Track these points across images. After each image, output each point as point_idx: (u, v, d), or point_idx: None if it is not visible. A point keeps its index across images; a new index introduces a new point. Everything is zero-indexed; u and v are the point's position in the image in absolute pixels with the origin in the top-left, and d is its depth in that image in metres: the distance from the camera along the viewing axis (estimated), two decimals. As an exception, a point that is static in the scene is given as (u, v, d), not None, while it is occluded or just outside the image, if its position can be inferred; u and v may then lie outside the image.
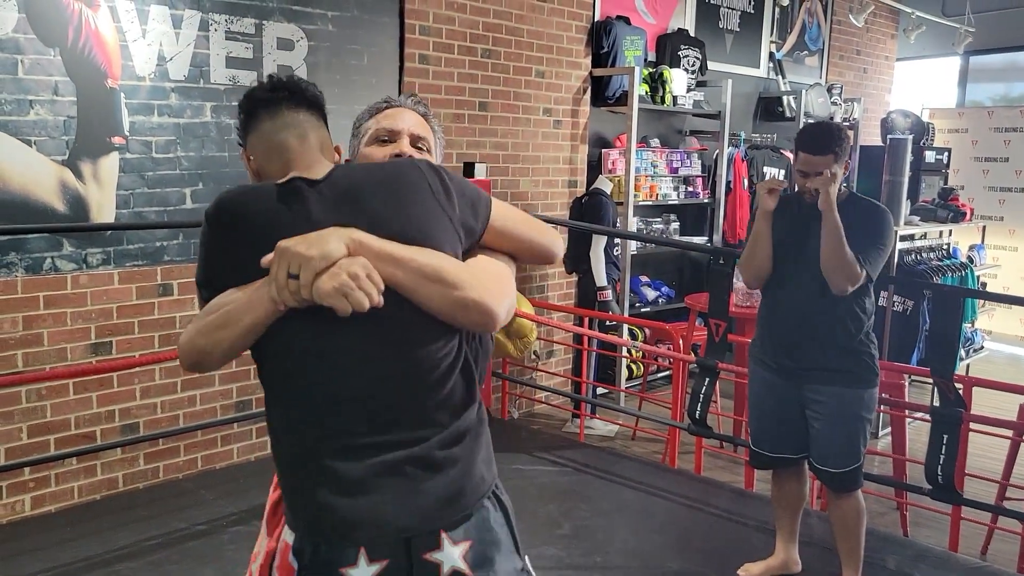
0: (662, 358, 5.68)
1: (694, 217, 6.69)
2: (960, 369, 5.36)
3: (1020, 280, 7.88)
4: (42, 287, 3.48)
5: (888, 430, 4.49)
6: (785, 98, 7.26)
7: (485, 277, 1.38)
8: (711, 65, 6.55)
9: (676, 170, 6.22)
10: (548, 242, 1.56)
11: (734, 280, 4.23)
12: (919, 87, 9.30)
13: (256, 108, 1.46)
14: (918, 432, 4.72)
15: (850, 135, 3.03)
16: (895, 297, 5.39)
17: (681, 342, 4.68)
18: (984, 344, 6.83)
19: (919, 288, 5.33)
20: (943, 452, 3.39)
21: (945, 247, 6.04)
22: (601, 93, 5.74)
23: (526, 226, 1.53)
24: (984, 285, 6.69)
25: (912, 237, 5.81)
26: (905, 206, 5.63)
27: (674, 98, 6.04)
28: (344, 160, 1.55)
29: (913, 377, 5.09)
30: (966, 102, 9.06)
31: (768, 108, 7.37)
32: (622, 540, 3.51)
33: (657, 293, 6.28)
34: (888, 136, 6.48)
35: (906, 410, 4.21)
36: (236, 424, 4.13)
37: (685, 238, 6.43)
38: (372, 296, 1.27)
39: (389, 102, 1.70)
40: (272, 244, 1.29)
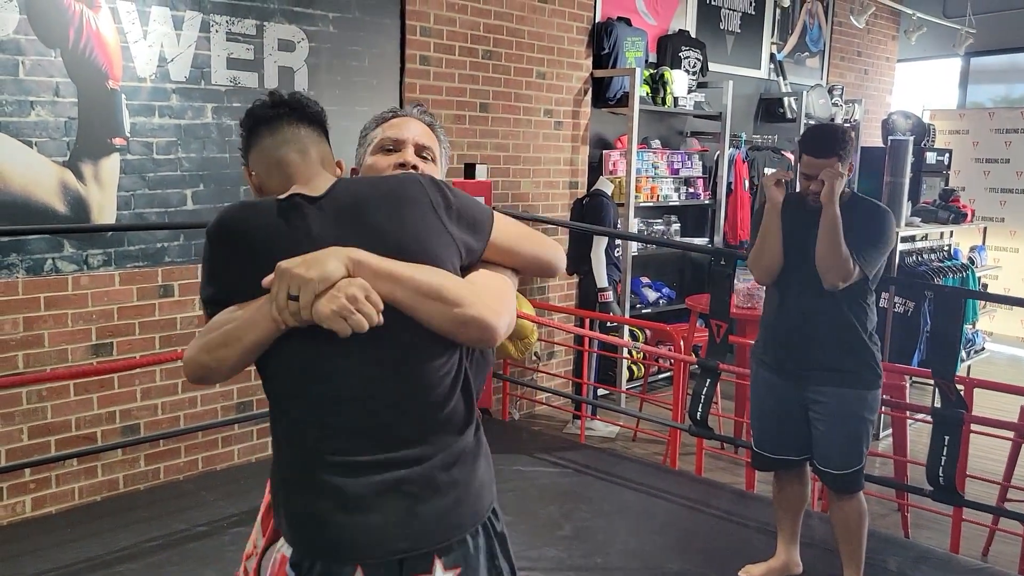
0: (663, 359, 5.68)
1: (695, 218, 6.69)
2: (961, 370, 5.35)
3: (1021, 281, 7.87)
4: (43, 288, 3.48)
5: (889, 431, 4.49)
6: (786, 99, 7.26)
7: (485, 293, 1.38)
8: (712, 66, 6.55)
9: (677, 171, 6.22)
10: (550, 256, 1.56)
11: (735, 281, 4.23)
12: (920, 88, 9.30)
13: (257, 125, 1.47)
14: (919, 433, 4.71)
15: (853, 137, 3.02)
16: (896, 298, 5.38)
17: (682, 343, 4.68)
18: (985, 345, 6.82)
19: (920, 289, 5.32)
20: (944, 453, 3.38)
21: (946, 248, 6.03)
22: (602, 94, 5.74)
23: (528, 241, 1.53)
24: (985, 286, 6.67)
25: (913, 238, 5.81)
26: (906, 207, 5.63)
27: (675, 99, 6.04)
28: (350, 169, 1.55)
29: (914, 378, 5.08)
30: (967, 103, 9.06)
31: (769, 109, 7.37)
32: (623, 541, 3.51)
33: (658, 294, 6.28)
34: (889, 137, 6.47)
35: (907, 411, 4.21)
36: (237, 425, 4.13)
37: (686, 239, 6.43)
38: (371, 317, 1.28)
39: (396, 112, 1.71)
40: (272, 261, 1.30)
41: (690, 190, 6.35)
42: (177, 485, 3.92)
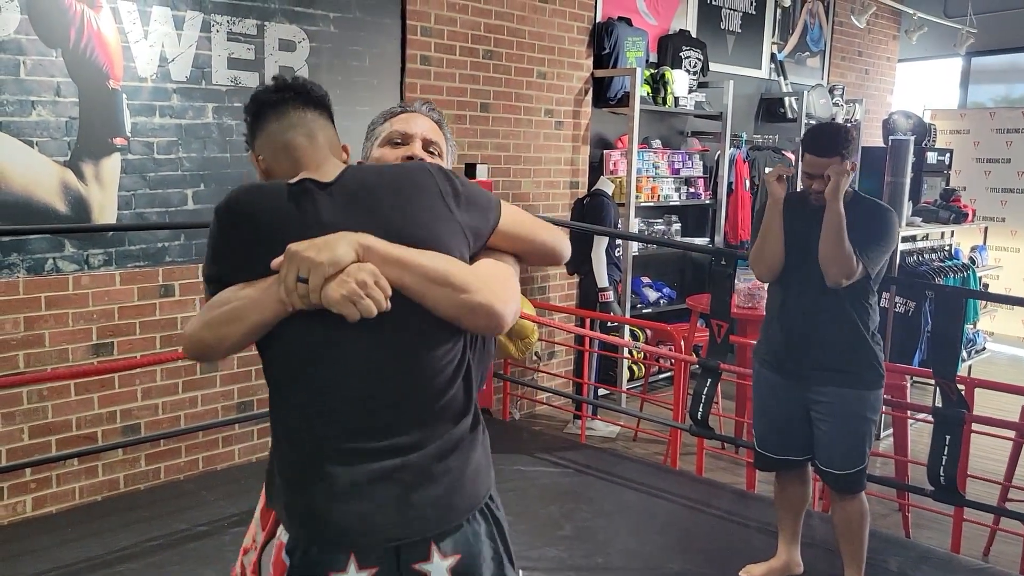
0: (663, 359, 5.68)
1: (695, 218, 6.69)
2: (962, 370, 5.35)
3: (1022, 281, 7.87)
4: (44, 288, 3.48)
5: (890, 431, 4.49)
6: (787, 99, 7.26)
7: (492, 280, 1.38)
8: (713, 66, 6.54)
9: (678, 171, 6.22)
10: (555, 244, 1.57)
11: (736, 281, 4.23)
12: (921, 88, 9.30)
13: (263, 109, 1.47)
14: (920, 433, 4.71)
15: (856, 136, 3.01)
16: (897, 298, 5.38)
17: (682, 343, 4.68)
18: (986, 345, 6.82)
19: (921, 289, 5.32)
20: (945, 453, 3.38)
21: (947, 248, 6.03)
22: (603, 94, 5.74)
23: (534, 228, 1.54)
24: (986, 286, 6.67)
25: (914, 238, 5.80)
26: (907, 207, 5.63)
27: (676, 99, 6.03)
28: (356, 163, 1.56)
29: (915, 378, 5.08)
30: (968, 103, 9.06)
31: (770, 109, 7.37)
32: (623, 541, 3.51)
33: (658, 294, 6.28)
34: (890, 137, 6.47)
35: (908, 411, 4.21)
36: (237, 425, 4.12)
37: (687, 239, 6.42)
38: (380, 303, 1.28)
39: (404, 107, 1.72)
40: (281, 244, 1.30)
41: (691, 190, 6.35)
42: (178, 485, 3.92)
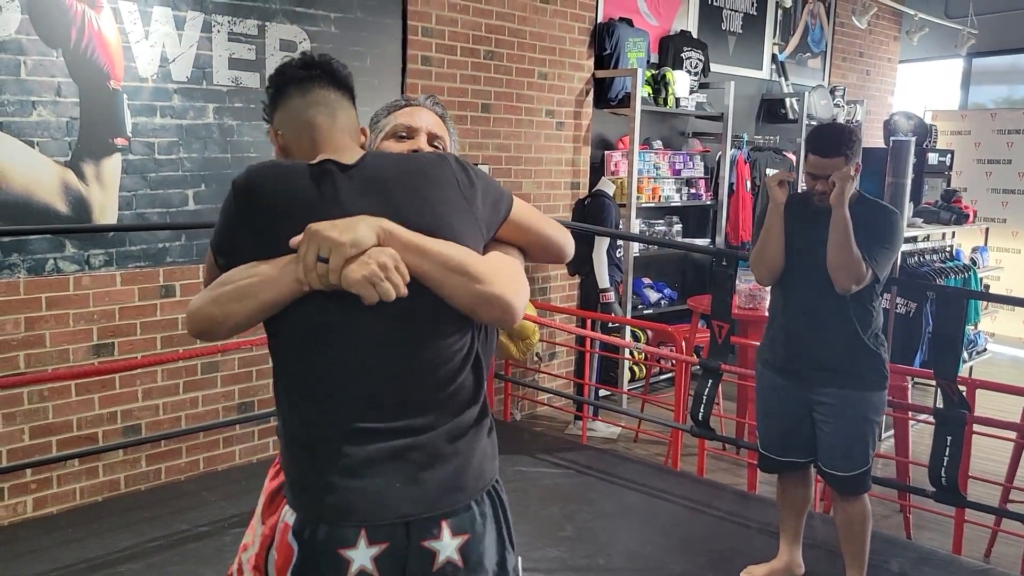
0: (664, 360, 5.68)
1: (697, 219, 6.68)
2: (963, 371, 5.34)
3: (1023, 282, 7.86)
4: (44, 288, 3.48)
5: (891, 432, 4.48)
6: (788, 100, 7.26)
7: (505, 272, 1.40)
8: (714, 67, 6.54)
9: (679, 172, 6.22)
10: (560, 240, 1.58)
11: (737, 282, 4.22)
12: (922, 89, 9.29)
13: (287, 85, 1.47)
14: (921, 434, 4.71)
15: (861, 137, 3.00)
16: (898, 299, 5.37)
17: (683, 344, 4.68)
18: (987, 346, 6.81)
19: (922, 290, 5.31)
20: (946, 454, 3.37)
21: (948, 249, 6.03)
22: (604, 95, 5.73)
23: (542, 223, 1.55)
24: (987, 287, 6.67)
25: (915, 239, 5.80)
26: (908, 208, 5.61)
27: (677, 100, 6.03)
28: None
29: (916, 379, 5.07)
30: (969, 104, 9.05)
31: (771, 110, 7.37)
32: (624, 542, 3.51)
33: (659, 295, 6.27)
34: (891, 138, 6.45)
35: (909, 412, 4.20)
36: (238, 426, 4.11)
37: (688, 240, 6.42)
38: (399, 287, 1.29)
39: (409, 100, 1.73)
40: (298, 223, 1.30)
41: (692, 191, 6.35)
42: (178, 485, 3.91)
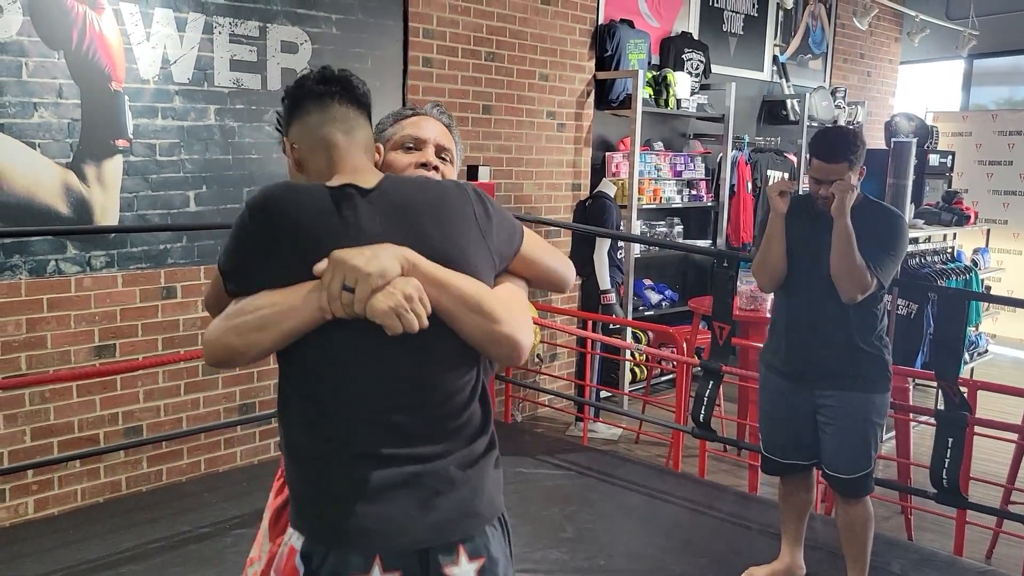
0: (665, 361, 5.67)
1: (698, 220, 6.68)
2: (964, 373, 5.34)
3: (1024, 283, 7.86)
4: (46, 290, 3.48)
5: (892, 434, 4.48)
6: (789, 101, 7.26)
7: (515, 311, 1.39)
8: (715, 68, 6.54)
9: (680, 173, 6.22)
10: (564, 273, 1.59)
11: (738, 283, 4.22)
12: (923, 90, 9.29)
13: (305, 99, 1.47)
14: (922, 436, 4.70)
15: (866, 141, 2.98)
16: (899, 300, 5.37)
17: (685, 345, 4.67)
18: (988, 348, 6.80)
19: (923, 291, 5.31)
20: (948, 456, 3.37)
21: (949, 250, 6.02)
22: (605, 96, 5.74)
23: (548, 256, 1.55)
24: (988, 288, 6.66)
25: (916, 240, 5.79)
26: (909, 209, 5.61)
27: (678, 101, 6.03)
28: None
29: (917, 381, 5.07)
30: (970, 105, 9.05)
31: (772, 111, 7.37)
32: (625, 544, 3.51)
33: (661, 296, 6.27)
34: (892, 139, 6.46)
35: (911, 414, 4.20)
36: (239, 427, 4.11)
37: (689, 241, 6.42)
38: (422, 319, 1.28)
39: (415, 110, 1.71)
40: (317, 248, 1.29)
41: (693, 192, 6.35)
42: (179, 487, 3.92)
